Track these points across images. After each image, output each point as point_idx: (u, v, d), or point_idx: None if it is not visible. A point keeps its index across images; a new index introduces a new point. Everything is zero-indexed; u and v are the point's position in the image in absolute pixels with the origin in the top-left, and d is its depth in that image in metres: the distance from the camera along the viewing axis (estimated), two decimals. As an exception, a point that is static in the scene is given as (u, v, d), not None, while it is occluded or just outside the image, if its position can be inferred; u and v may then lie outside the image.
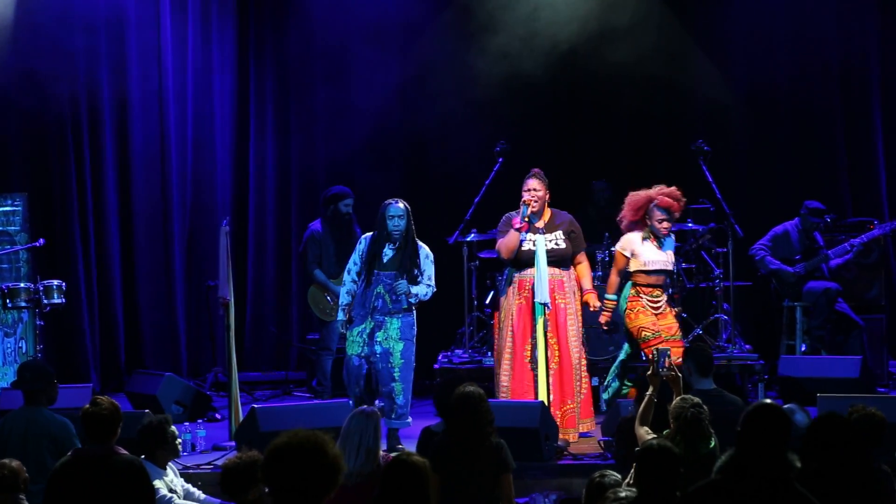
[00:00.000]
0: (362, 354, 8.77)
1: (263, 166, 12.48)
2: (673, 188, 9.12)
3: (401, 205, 8.84)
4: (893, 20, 12.11)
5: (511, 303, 8.94)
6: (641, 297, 9.05)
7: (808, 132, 12.15)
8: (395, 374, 8.73)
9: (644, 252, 9.07)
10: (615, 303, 9.24)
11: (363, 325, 8.79)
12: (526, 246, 8.88)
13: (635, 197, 9.13)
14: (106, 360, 11.93)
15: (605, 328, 9.37)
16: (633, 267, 9.10)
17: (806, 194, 10.82)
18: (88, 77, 11.77)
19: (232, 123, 12.44)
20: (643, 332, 8.97)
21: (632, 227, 9.17)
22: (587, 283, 9.12)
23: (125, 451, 6.12)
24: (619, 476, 5.67)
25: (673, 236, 9.31)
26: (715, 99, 11.99)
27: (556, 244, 8.89)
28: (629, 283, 9.16)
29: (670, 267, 9.25)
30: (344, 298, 8.98)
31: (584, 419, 8.99)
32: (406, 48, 12.22)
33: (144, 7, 11.94)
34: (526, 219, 8.84)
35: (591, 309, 9.12)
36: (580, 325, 9.09)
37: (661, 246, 9.10)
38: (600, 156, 12.02)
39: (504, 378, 8.85)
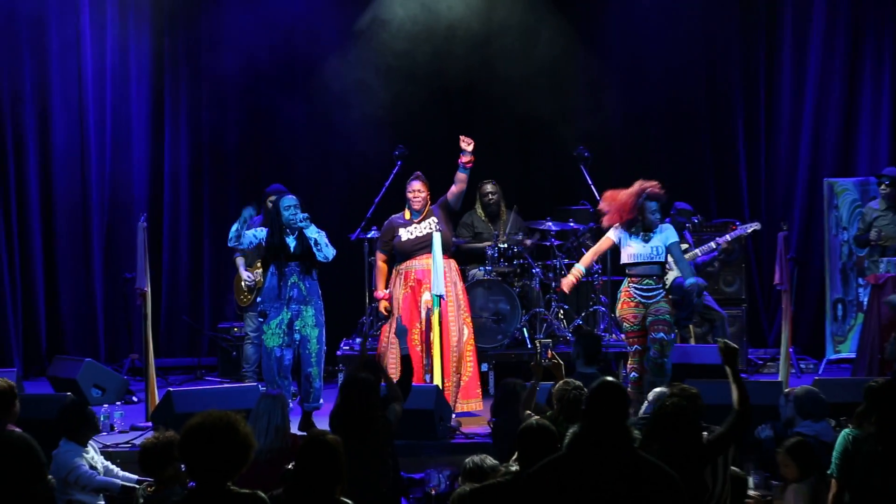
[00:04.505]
0: (283, 345, 9.06)
1: (177, 166, 12.72)
2: (652, 181, 9.12)
3: (292, 196, 9.23)
4: (753, 26, 12.80)
5: (398, 294, 9.37)
6: (630, 287, 9.05)
7: (678, 139, 12.80)
8: (312, 360, 9.07)
9: (632, 245, 9.08)
10: (581, 273, 9.47)
11: (280, 317, 9.06)
12: (404, 237, 9.37)
13: (621, 197, 9.05)
14: (28, 346, 12.12)
15: (565, 292, 9.57)
16: (623, 259, 9.17)
17: (676, 196, 11.16)
18: (11, 78, 12.00)
19: (148, 126, 12.67)
20: (624, 323, 9.09)
21: (623, 225, 9.14)
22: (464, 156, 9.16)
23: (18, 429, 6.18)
24: (496, 461, 5.94)
25: (666, 227, 9.22)
26: (595, 107, 12.43)
27: (430, 228, 9.34)
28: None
29: (657, 259, 9.08)
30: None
31: (468, 399, 9.39)
32: (313, 63, 12.53)
33: (65, 9, 12.20)
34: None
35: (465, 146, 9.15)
36: (463, 310, 9.40)
37: (647, 239, 9.05)
38: (490, 159, 12.48)
39: (392, 360, 9.06)
